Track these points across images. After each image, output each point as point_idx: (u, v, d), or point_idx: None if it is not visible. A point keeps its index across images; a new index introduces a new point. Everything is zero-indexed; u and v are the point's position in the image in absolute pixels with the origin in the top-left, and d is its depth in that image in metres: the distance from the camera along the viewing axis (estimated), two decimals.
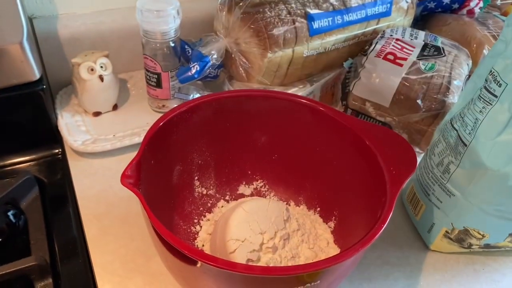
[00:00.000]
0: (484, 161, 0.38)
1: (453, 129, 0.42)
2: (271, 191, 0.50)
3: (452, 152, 0.41)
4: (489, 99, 0.37)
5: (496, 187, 0.39)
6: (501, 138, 0.37)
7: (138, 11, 0.54)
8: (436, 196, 0.44)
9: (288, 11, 0.56)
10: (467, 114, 0.40)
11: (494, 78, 0.37)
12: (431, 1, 0.70)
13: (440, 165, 0.43)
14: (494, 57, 0.38)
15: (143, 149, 0.38)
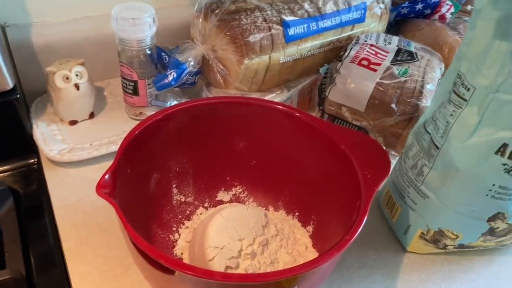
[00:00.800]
0: (456, 163, 0.39)
1: (426, 133, 0.42)
2: (250, 196, 0.51)
3: (425, 155, 0.42)
4: (459, 102, 0.38)
5: (468, 188, 0.40)
6: (471, 140, 0.38)
7: (113, 19, 0.53)
8: (411, 198, 0.45)
9: (264, 18, 0.57)
10: (439, 117, 0.41)
11: (462, 82, 0.38)
12: (404, 7, 0.71)
13: (414, 168, 0.44)
14: (460, 60, 0.39)
15: (119, 158, 0.38)
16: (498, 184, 0.38)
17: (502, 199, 0.39)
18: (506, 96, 0.35)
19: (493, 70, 0.35)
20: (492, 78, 0.35)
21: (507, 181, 0.38)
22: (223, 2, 0.57)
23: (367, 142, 0.43)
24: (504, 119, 0.36)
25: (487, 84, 0.35)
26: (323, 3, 0.61)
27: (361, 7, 0.63)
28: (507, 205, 0.40)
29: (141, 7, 0.55)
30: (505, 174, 0.38)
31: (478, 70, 0.36)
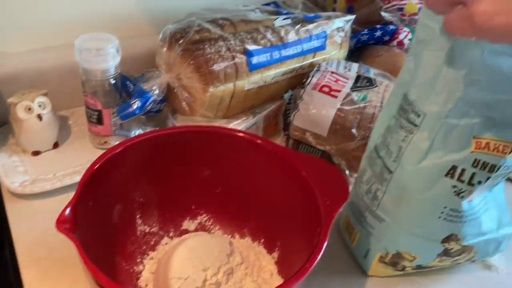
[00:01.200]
0: (409, 186, 0.41)
1: (378, 157, 0.44)
2: (216, 224, 0.51)
3: (378, 180, 0.44)
4: (410, 128, 0.40)
5: (421, 211, 0.41)
6: (423, 164, 0.39)
7: (77, 50, 0.53)
8: (368, 222, 0.46)
9: (227, 48, 0.58)
10: (391, 142, 0.42)
11: (412, 109, 0.39)
12: (364, 34, 0.74)
13: (369, 192, 0.45)
14: (402, 86, 0.41)
15: (80, 191, 0.38)
16: (449, 206, 0.40)
17: (454, 221, 0.41)
18: (454, 121, 0.37)
19: (442, 97, 0.37)
20: (441, 104, 0.37)
21: (457, 203, 0.40)
22: (187, 32, 0.59)
23: (327, 168, 0.44)
24: (452, 142, 0.38)
25: (437, 110, 0.37)
26: (285, 32, 0.63)
27: (322, 35, 0.65)
28: (459, 227, 0.42)
29: (105, 37, 0.55)
30: (455, 196, 0.39)
31: (427, 97, 0.38)
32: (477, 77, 0.35)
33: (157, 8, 0.72)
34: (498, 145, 0.36)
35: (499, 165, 0.37)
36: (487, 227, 0.44)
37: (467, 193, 0.39)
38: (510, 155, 0.37)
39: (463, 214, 0.41)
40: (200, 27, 0.59)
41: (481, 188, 0.40)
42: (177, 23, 0.60)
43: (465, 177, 0.38)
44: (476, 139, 0.37)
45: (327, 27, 0.66)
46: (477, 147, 0.37)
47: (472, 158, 0.37)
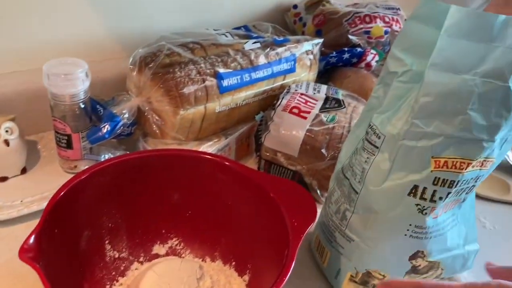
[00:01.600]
0: (374, 206, 0.42)
1: (345, 178, 0.45)
2: (187, 248, 0.50)
3: (346, 200, 0.45)
4: (372, 150, 0.41)
5: (387, 229, 0.42)
6: (385, 184, 0.40)
7: (45, 75, 0.53)
8: (338, 242, 0.46)
9: (197, 71, 0.59)
10: (355, 164, 0.43)
11: (373, 132, 0.41)
12: (332, 56, 0.76)
13: (338, 212, 0.46)
14: (370, 111, 0.42)
15: (44, 219, 0.37)
16: (414, 224, 0.41)
17: (419, 237, 0.42)
18: (411, 143, 0.38)
19: (401, 121, 0.38)
20: (399, 127, 0.38)
21: (422, 220, 0.41)
22: (158, 55, 0.59)
23: (296, 190, 0.45)
24: (412, 163, 0.39)
25: (395, 132, 0.39)
26: (255, 55, 0.64)
27: (291, 58, 0.67)
28: (425, 243, 0.43)
29: (74, 62, 0.55)
30: (419, 214, 0.40)
31: (389, 121, 0.39)
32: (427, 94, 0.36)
33: (127, 32, 0.73)
34: (456, 162, 0.38)
35: (457, 180, 0.39)
36: (453, 243, 0.45)
37: (429, 209, 0.40)
38: (466, 170, 0.38)
39: (427, 230, 0.42)
40: (170, 51, 0.60)
41: (445, 204, 0.41)
42: (147, 47, 0.61)
43: (427, 195, 0.39)
44: (435, 159, 0.38)
45: (296, 50, 0.68)
46: (436, 166, 0.38)
47: (432, 176, 0.39)
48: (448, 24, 0.34)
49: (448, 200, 0.41)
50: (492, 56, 0.34)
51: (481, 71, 0.35)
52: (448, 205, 0.42)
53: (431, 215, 0.41)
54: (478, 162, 0.39)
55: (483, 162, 0.39)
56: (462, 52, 0.35)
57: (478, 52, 0.34)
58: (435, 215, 0.41)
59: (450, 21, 0.34)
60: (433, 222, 0.42)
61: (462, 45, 0.34)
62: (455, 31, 0.34)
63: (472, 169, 0.39)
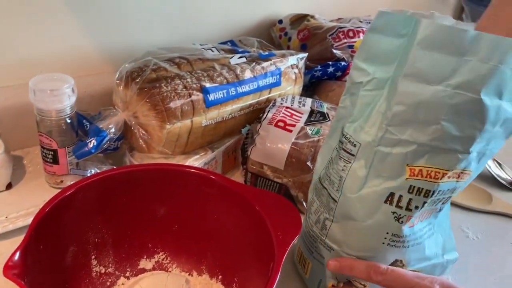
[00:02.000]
0: (352, 214, 0.42)
1: (323, 188, 0.46)
2: (174, 262, 0.51)
3: (325, 209, 0.45)
4: (348, 158, 0.42)
5: (365, 237, 0.43)
6: (363, 192, 0.41)
7: (31, 90, 0.53)
8: (319, 252, 0.47)
9: (184, 86, 0.60)
10: (332, 173, 0.44)
11: (348, 140, 0.42)
12: (317, 70, 0.78)
13: (318, 222, 0.47)
14: (340, 121, 0.43)
15: (30, 235, 0.37)
16: (391, 232, 0.42)
17: (397, 246, 0.42)
18: (386, 149, 0.39)
19: (374, 128, 0.40)
20: (373, 134, 0.40)
21: (398, 229, 0.41)
22: (144, 70, 0.60)
23: (280, 202, 0.45)
24: (388, 170, 0.40)
25: (370, 139, 0.40)
26: (241, 70, 0.65)
27: (276, 72, 0.68)
28: (403, 252, 0.43)
29: (60, 77, 0.55)
30: (395, 222, 0.41)
31: (362, 128, 0.41)
32: (400, 103, 0.37)
33: (115, 47, 0.73)
34: (431, 171, 0.39)
35: (433, 190, 0.40)
36: (431, 252, 0.46)
37: (406, 218, 0.41)
38: (442, 180, 0.39)
39: (405, 239, 0.42)
40: (157, 66, 0.61)
41: (421, 213, 0.42)
42: (134, 62, 0.61)
43: (403, 203, 0.40)
44: (410, 167, 0.39)
45: (281, 64, 0.69)
46: (411, 174, 0.39)
47: (407, 184, 0.40)
48: (421, 37, 0.35)
49: (424, 210, 0.41)
50: (464, 68, 0.35)
51: (453, 83, 0.36)
52: (424, 214, 0.43)
53: (407, 224, 0.42)
54: (455, 174, 0.39)
55: (460, 174, 0.40)
56: (435, 64, 0.36)
57: (450, 64, 0.35)
58: (411, 224, 0.42)
59: (423, 34, 0.35)
60: (410, 230, 0.42)
61: (435, 57, 0.35)
62: (428, 44, 0.35)
63: (448, 180, 0.39)
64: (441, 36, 0.35)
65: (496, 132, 0.38)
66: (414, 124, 0.38)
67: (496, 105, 0.36)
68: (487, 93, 0.36)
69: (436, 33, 0.35)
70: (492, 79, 0.35)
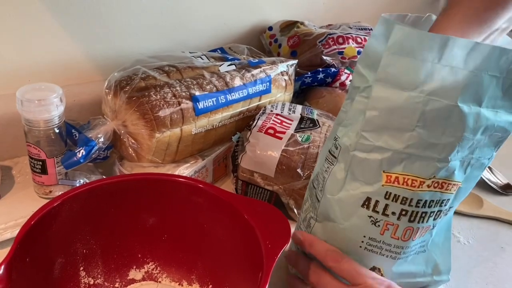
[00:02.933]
0: (331, 215, 0.43)
1: (313, 188, 0.46)
2: (164, 272, 0.50)
3: (312, 208, 0.46)
4: (331, 160, 0.43)
5: (343, 239, 0.43)
6: (341, 194, 0.42)
7: (18, 100, 0.53)
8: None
9: (173, 94, 0.59)
10: (319, 173, 0.45)
11: (335, 143, 0.42)
12: (307, 76, 0.78)
13: (305, 220, 0.47)
14: (338, 125, 0.43)
15: (15, 248, 0.37)
16: (368, 235, 0.42)
17: (374, 251, 0.42)
18: (361, 154, 0.39)
19: (355, 133, 0.40)
20: (352, 138, 0.40)
21: (375, 232, 0.41)
22: (133, 79, 0.60)
23: (270, 211, 0.45)
24: (364, 175, 0.40)
25: (349, 143, 0.40)
26: (230, 77, 0.65)
27: (266, 80, 0.68)
28: (381, 260, 0.43)
29: (48, 87, 0.55)
30: (372, 225, 0.41)
31: (347, 133, 0.41)
32: (373, 108, 0.37)
33: (104, 56, 0.73)
34: (407, 179, 0.39)
35: (412, 198, 0.39)
36: (418, 270, 0.45)
37: (383, 222, 0.41)
38: (420, 189, 0.39)
39: (382, 246, 0.42)
40: (146, 74, 0.61)
41: (414, 225, 0.41)
42: (123, 71, 0.61)
43: (379, 208, 0.40)
44: (386, 173, 0.39)
45: (271, 71, 0.69)
46: (387, 181, 0.39)
47: (384, 190, 0.40)
48: (391, 42, 0.35)
49: (406, 219, 0.41)
50: (438, 75, 0.35)
51: (427, 89, 0.35)
52: (421, 231, 0.42)
53: (388, 232, 0.41)
54: (435, 183, 0.39)
55: (443, 184, 0.39)
56: (407, 70, 0.35)
57: (423, 70, 0.35)
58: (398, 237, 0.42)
59: (393, 39, 0.35)
60: (393, 241, 0.42)
61: (406, 62, 0.35)
62: (398, 49, 0.35)
63: (428, 189, 0.39)
64: (411, 41, 0.35)
65: (479, 140, 0.38)
66: (388, 130, 0.37)
67: (475, 112, 0.36)
68: (464, 100, 0.35)
69: (407, 38, 0.35)
70: (470, 86, 0.35)
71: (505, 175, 0.77)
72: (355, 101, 0.40)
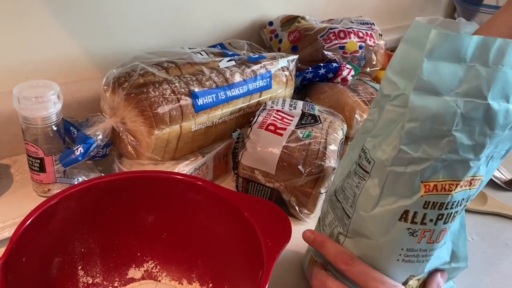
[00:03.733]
0: (366, 231, 0.41)
1: (337, 201, 0.44)
2: (163, 271, 0.50)
3: (340, 223, 0.44)
4: (362, 174, 0.40)
5: (379, 255, 0.41)
6: (376, 210, 0.40)
7: (15, 98, 0.52)
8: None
9: (172, 90, 0.59)
10: (347, 188, 0.43)
11: (365, 156, 0.40)
12: (308, 72, 0.77)
13: (332, 236, 0.45)
14: (364, 134, 0.41)
15: (10, 248, 0.36)
16: (406, 247, 0.40)
17: (411, 261, 0.41)
18: (400, 169, 0.38)
19: (390, 147, 0.38)
20: (388, 153, 0.38)
21: (413, 242, 0.40)
22: (131, 75, 0.59)
23: (270, 209, 0.44)
24: (401, 189, 0.38)
25: (385, 158, 0.38)
26: (230, 73, 0.64)
27: (267, 75, 0.67)
28: (416, 267, 0.42)
29: (45, 84, 0.54)
30: (410, 237, 0.40)
31: (380, 146, 0.39)
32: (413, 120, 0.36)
33: (102, 52, 0.72)
34: (445, 184, 0.38)
35: (448, 202, 0.38)
36: (440, 262, 0.44)
37: (420, 231, 0.39)
38: (455, 191, 0.38)
39: (419, 253, 0.41)
40: (144, 71, 0.60)
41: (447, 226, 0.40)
42: (121, 67, 0.60)
43: (418, 218, 0.39)
44: (424, 183, 0.38)
45: (272, 67, 0.68)
46: (426, 191, 0.38)
47: (422, 201, 0.38)
48: (429, 47, 0.34)
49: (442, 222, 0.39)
50: (469, 75, 0.34)
51: (461, 91, 0.35)
52: (449, 228, 0.41)
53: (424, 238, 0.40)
54: (466, 182, 0.38)
55: (471, 181, 0.39)
56: (442, 74, 0.34)
57: (456, 72, 0.34)
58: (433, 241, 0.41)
59: (431, 44, 0.34)
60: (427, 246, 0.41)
61: (441, 67, 0.34)
62: (435, 54, 0.34)
63: (460, 189, 0.38)
64: (446, 45, 0.34)
65: (505, 136, 0.37)
66: (427, 139, 0.36)
67: (504, 108, 0.35)
68: (493, 97, 0.35)
69: (441, 42, 0.34)
70: (496, 82, 0.34)
71: (509, 171, 0.76)
72: (385, 110, 0.38)
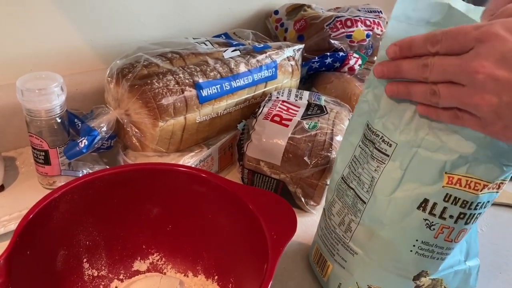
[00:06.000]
0: (382, 217, 0.40)
1: (349, 188, 0.43)
2: (168, 263, 0.49)
3: (350, 211, 0.43)
4: (382, 158, 0.39)
5: (393, 243, 0.40)
6: (395, 194, 0.39)
7: (19, 90, 0.52)
8: (341, 255, 0.45)
9: (176, 81, 0.58)
10: (362, 173, 0.41)
11: (382, 139, 0.39)
12: (315, 61, 0.76)
13: (342, 224, 0.44)
14: (361, 116, 0.41)
15: (15, 241, 0.36)
16: (421, 239, 0.39)
17: (426, 256, 0.40)
18: (425, 153, 0.37)
19: (412, 126, 0.37)
20: (412, 133, 0.37)
21: (429, 236, 0.39)
22: (135, 66, 0.58)
23: (275, 201, 0.44)
24: (424, 175, 0.37)
25: (408, 139, 0.37)
26: (235, 64, 0.63)
27: (272, 65, 0.66)
28: (430, 263, 0.41)
29: (48, 76, 0.54)
30: (427, 229, 0.39)
31: (397, 127, 0.38)
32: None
33: (106, 44, 0.72)
34: (470, 181, 0.36)
35: (472, 202, 0.37)
36: (455, 260, 0.43)
37: (438, 226, 0.38)
38: (482, 192, 0.37)
39: (434, 249, 0.40)
40: (148, 62, 0.59)
41: (468, 226, 0.39)
42: (125, 58, 0.60)
43: (437, 211, 0.38)
44: (448, 174, 0.37)
45: (277, 56, 0.67)
46: (448, 182, 0.37)
47: (443, 192, 0.37)
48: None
49: (463, 222, 0.38)
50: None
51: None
52: (466, 231, 0.40)
53: (442, 235, 0.39)
54: (495, 185, 0.37)
55: (500, 185, 0.38)
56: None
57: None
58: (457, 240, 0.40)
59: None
60: (445, 244, 0.40)
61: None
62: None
63: (488, 191, 0.37)
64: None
65: None
66: (462, 130, 0.35)
67: None
68: None
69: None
70: None
71: None
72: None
